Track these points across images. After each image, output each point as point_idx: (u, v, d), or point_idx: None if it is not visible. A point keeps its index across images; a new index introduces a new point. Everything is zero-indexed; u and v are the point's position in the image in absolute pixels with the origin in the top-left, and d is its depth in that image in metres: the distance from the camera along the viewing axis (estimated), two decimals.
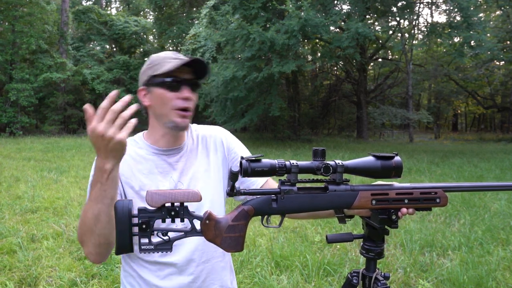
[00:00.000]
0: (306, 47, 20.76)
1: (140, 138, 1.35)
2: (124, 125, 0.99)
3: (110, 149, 0.99)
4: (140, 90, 1.30)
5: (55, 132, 23.21)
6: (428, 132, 36.68)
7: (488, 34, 18.44)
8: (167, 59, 1.25)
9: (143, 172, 1.28)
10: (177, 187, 1.30)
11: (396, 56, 27.70)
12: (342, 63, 25.14)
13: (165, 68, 1.22)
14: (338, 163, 1.03)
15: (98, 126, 0.96)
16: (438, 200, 1.11)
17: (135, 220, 0.95)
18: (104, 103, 0.97)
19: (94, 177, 1.06)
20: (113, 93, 0.99)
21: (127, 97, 0.99)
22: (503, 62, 24.54)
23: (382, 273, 1.16)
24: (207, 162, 1.37)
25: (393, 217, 1.09)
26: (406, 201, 1.09)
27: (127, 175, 1.27)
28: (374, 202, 1.07)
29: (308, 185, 1.07)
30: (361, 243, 1.16)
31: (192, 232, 0.98)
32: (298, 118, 24.13)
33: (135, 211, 0.95)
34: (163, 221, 0.96)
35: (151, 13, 36.17)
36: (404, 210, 1.10)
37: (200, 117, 26.30)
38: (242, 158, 0.97)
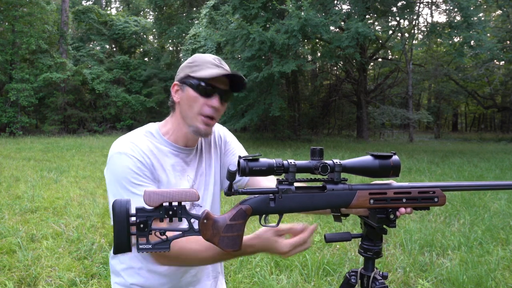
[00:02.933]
0: (306, 47, 20.73)
1: (157, 132, 1.34)
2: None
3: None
4: (174, 84, 1.32)
5: (55, 132, 23.20)
6: (428, 132, 36.69)
7: (488, 34, 18.41)
8: (208, 64, 1.25)
9: (167, 169, 1.29)
10: (193, 185, 1.35)
11: (396, 56, 27.65)
12: (342, 63, 25.12)
13: (205, 74, 1.23)
14: (336, 162, 1.03)
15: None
16: (436, 200, 1.11)
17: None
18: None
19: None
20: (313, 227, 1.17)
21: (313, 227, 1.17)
22: (503, 62, 24.48)
23: (380, 272, 1.16)
24: (210, 158, 1.43)
25: (391, 216, 1.09)
26: (404, 200, 1.09)
27: (157, 168, 1.27)
28: (372, 201, 1.07)
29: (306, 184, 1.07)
30: (360, 243, 1.16)
31: (190, 231, 0.98)
32: (298, 118, 24.12)
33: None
34: (161, 220, 0.96)
35: (151, 13, 36.17)
36: (402, 210, 1.10)
37: None
38: (240, 157, 0.97)
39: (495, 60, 22.17)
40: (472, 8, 14.74)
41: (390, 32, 22.41)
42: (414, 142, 22.98)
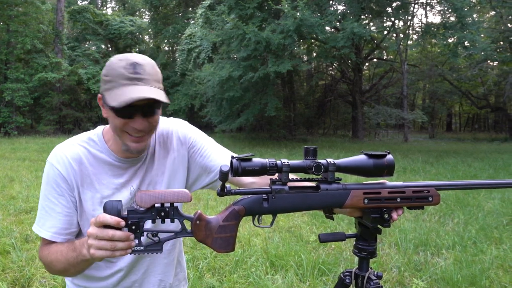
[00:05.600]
0: (302, 47, 20.78)
1: (100, 139, 1.25)
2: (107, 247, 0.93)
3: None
4: (99, 96, 1.17)
5: (50, 132, 23.09)
6: (423, 132, 36.84)
7: (482, 35, 18.56)
8: (120, 80, 1.09)
9: (102, 182, 1.23)
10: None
11: (391, 56, 27.74)
12: (338, 63, 25.17)
13: (115, 102, 1.06)
14: (330, 161, 1.02)
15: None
16: (430, 199, 1.10)
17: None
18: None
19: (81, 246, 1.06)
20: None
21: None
22: (497, 62, 24.70)
23: (375, 272, 1.15)
24: (164, 164, 1.30)
25: (385, 216, 1.08)
26: (398, 199, 1.09)
27: (85, 183, 1.22)
28: (366, 201, 1.07)
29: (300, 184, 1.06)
30: (354, 243, 1.16)
31: (182, 232, 0.97)
32: (293, 118, 24.15)
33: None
34: (153, 222, 0.95)
35: (147, 13, 36.10)
36: (395, 216, 1.09)
37: (196, 117, 26.23)
38: (232, 157, 0.96)
39: (489, 61, 22.35)
40: (466, 9, 14.85)
41: (385, 32, 22.47)
42: (409, 142, 23.07)
